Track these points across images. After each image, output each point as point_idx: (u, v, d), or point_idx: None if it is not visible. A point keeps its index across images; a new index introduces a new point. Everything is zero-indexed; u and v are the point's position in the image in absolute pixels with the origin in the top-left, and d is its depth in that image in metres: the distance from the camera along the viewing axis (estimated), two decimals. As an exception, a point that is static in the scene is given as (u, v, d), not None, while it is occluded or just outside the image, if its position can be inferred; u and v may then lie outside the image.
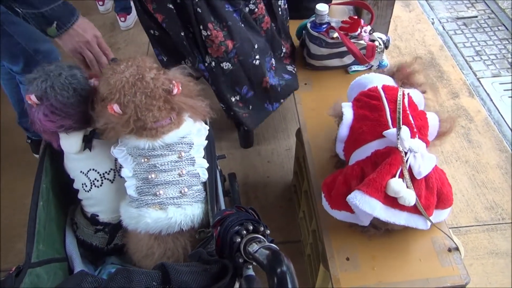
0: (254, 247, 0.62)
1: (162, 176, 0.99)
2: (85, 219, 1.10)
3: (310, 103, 1.40)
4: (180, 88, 0.98)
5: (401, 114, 0.94)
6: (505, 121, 2.07)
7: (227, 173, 1.63)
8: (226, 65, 1.44)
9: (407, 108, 0.99)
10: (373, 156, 0.94)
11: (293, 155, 1.70)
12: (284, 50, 1.60)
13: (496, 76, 2.34)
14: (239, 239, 0.64)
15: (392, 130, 0.92)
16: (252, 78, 1.53)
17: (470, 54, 2.48)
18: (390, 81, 1.09)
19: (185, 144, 1.02)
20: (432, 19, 2.71)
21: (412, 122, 0.97)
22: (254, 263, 0.64)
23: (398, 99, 0.97)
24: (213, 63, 1.44)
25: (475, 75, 2.35)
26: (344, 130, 1.02)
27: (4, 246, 1.69)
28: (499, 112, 2.12)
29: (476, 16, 2.75)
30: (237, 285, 0.65)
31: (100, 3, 2.78)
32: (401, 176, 0.91)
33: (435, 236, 1.03)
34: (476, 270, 1.54)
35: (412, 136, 0.94)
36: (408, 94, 1.02)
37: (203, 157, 1.06)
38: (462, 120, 2.05)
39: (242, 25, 1.41)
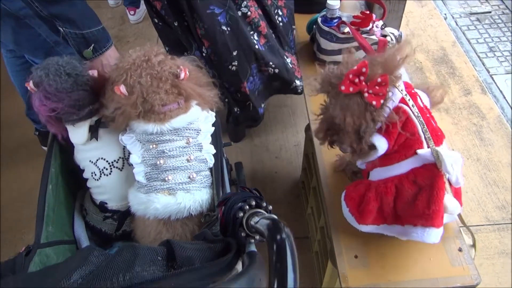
0: (255, 219, 0.64)
1: (171, 162, 1.00)
2: (94, 206, 1.12)
3: (320, 98, 1.37)
4: (188, 74, 0.99)
5: (429, 134, 0.89)
6: (518, 119, 2.04)
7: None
8: None
9: (426, 111, 0.95)
10: (411, 175, 0.91)
11: (302, 151, 1.68)
12: (289, 61, 1.58)
13: (509, 73, 2.30)
14: (242, 214, 0.66)
15: (428, 151, 0.89)
16: (229, 81, 1.54)
17: (483, 50, 2.44)
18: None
19: (192, 130, 1.03)
20: (445, 14, 2.67)
21: (434, 125, 0.94)
22: (256, 237, 0.65)
23: (416, 113, 0.90)
24: (209, 50, 1.44)
25: (488, 72, 2.31)
26: (375, 157, 0.95)
27: (13, 238, 1.71)
28: (512, 110, 2.08)
29: (490, 12, 2.70)
30: (239, 264, 0.66)
31: (110, -4, 2.78)
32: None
33: (445, 235, 1.01)
34: (486, 270, 1.52)
35: (439, 142, 0.91)
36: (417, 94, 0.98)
37: (210, 143, 1.07)
38: (474, 117, 2.02)
39: (227, 28, 1.36)
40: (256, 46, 1.44)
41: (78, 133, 1.04)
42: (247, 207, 0.67)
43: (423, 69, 2.25)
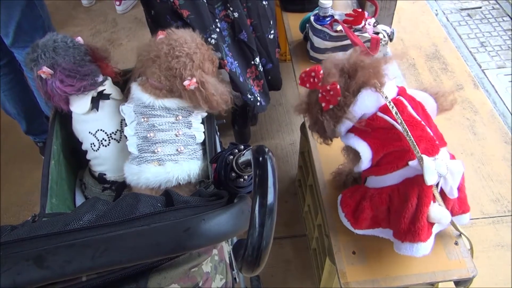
0: (244, 155, 0.67)
1: (160, 135, 1.08)
2: (93, 178, 1.18)
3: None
4: (193, 88, 1.06)
5: (415, 144, 0.86)
6: (510, 113, 2.06)
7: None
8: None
9: (418, 117, 0.92)
10: (402, 187, 0.90)
11: (298, 149, 1.69)
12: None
13: (501, 68, 2.33)
14: (232, 157, 0.69)
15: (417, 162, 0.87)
16: (269, 51, 1.61)
17: (475, 46, 2.46)
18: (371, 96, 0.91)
19: (184, 110, 1.11)
20: (436, 10, 2.69)
21: (430, 132, 0.91)
22: (246, 176, 0.68)
23: (400, 122, 0.87)
24: (251, 28, 1.51)
25: (480, 67, 2.33)
26: (365, 165, 0.93)
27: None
28: (504, 104, 2.11)
29: (480, 7, 2.72)
30: None
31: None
32: (434, 199, 0.89)
33: (441, 229, 1.03)
34: (482, 263, 1.53)
35: (434, 152, 0.88)
36: (404, 100, 0.93)
37: (201, 123, 1.14)
38: (467, 112, 2.03)
39: (266, 2, 1.47)
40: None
41: (80, 103, 1.11)
42: (236, 150, 0.70)
43: (416, 66, 2.26)
